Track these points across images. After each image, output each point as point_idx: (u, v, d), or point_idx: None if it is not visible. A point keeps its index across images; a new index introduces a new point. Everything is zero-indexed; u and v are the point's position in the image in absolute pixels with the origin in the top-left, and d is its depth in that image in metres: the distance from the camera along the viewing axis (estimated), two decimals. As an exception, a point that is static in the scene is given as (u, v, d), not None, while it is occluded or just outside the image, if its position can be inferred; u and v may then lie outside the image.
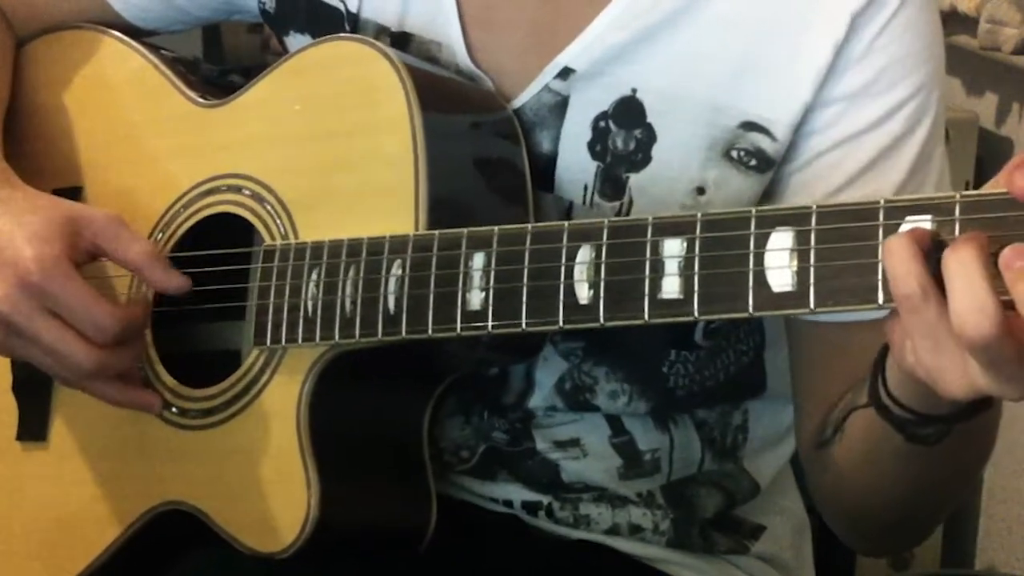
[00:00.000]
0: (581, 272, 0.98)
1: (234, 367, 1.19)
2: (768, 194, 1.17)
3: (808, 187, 1.15)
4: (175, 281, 1.18)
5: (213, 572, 1.19)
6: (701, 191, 1.16)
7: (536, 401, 1.23)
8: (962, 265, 0.81)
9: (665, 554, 1.28)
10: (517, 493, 1.26)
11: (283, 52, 1.31)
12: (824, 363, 1.18)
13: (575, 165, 1.18)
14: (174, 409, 1.20)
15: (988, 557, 2.14)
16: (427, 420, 1.19)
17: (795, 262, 0.89)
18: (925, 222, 0.84)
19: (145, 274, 1.18)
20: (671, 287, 0.94)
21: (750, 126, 1.14)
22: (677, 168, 1.16)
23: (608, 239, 0.97)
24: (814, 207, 0.89)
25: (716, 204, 1.16)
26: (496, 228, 1.03)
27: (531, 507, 1.26)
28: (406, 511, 1.19)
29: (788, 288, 0.89)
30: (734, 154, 1.15)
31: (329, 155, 1.15)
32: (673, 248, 0.94)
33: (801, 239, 0.89)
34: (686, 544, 1.28)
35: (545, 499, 1.26)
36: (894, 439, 1.00)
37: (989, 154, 2.10)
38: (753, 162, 1.15)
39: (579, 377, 1.23)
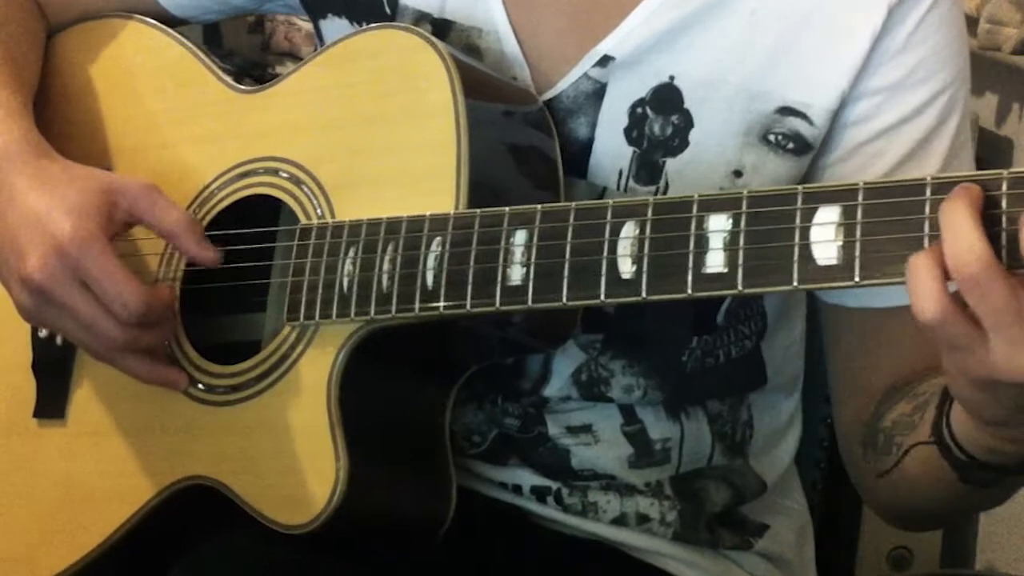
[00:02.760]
0: (625, 247, 1.00)
1: (255, 353, 1.20)
2: (809, 183, 1.19)
3: (849, 178, 1.17)
4: (207, 253, 1.19)
5: (227, 556, 1.19)
6: (739, 174, 1.18)
7: (551, 390, 1.25)
8: (950, 213, 0.86)
9: (669, 548, 1.29)
10: (527, 478, 1.27)
11: (288, 49, 1.32)
12: (862, 352, 1.21)
13: (611, 151, 1.20)
14: (200, 386, 1.21)
15: (988, 557, 2.15)
16: (450, 407, 1.21)
17: (841, 236, 0.91)
18: (972, 197, 0.87)
19: (180, 242, 1.19)
20: (715, 261, 0.96)
21: (787, 111, 1.17)
22: (714, 152, 1.18)
23: (653, 215, 0.99)
24: (861, 183, 0.91)
25: (754, 186, 1.18)
26: (539, 206, 1.05)
27: (540, 492, 1.27)
28: (427, 494, 1.20)
29: (833, 261, 0.91)
30: (771, 138, 1.18)
31: (370, 139, 1.17)
32: (718, 223, 0.96)
33: (848, 214, 0.91)
34: (691, 538, 1.29)
35: (554, 485, 1.27)
36: (949, 476, 1.04)
37: (989, 154, 2.11)
38: (791, 145, 1.18)
39: (596, 369, 1.24)
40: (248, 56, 2.45)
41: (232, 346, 1.23)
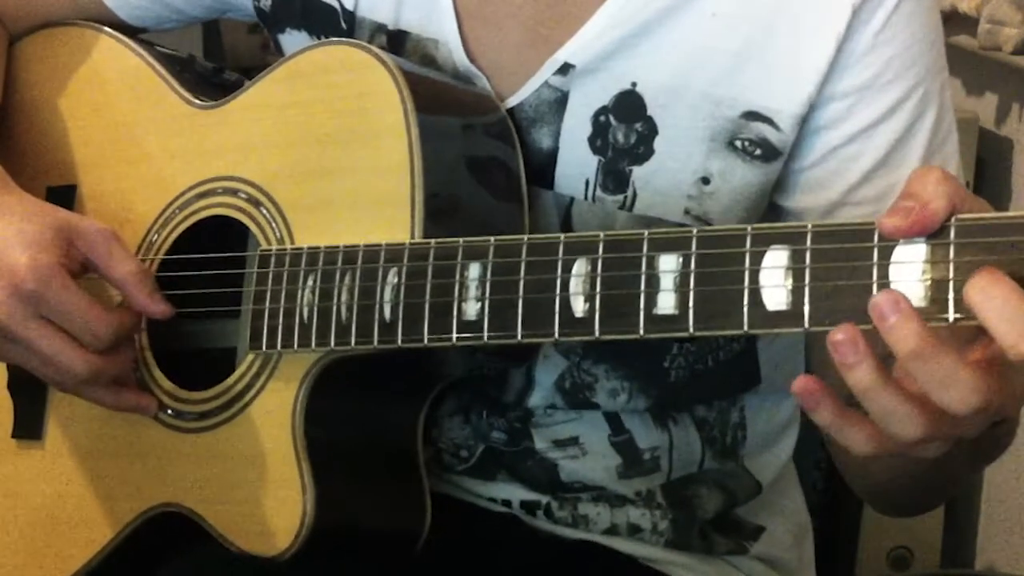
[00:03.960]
0: (576, 285, 0.98)
1: (230, 364, 1.19)
2: (785, 191, 1.18)
3: (826, 183, 1.16)
4: (159, 307, 1.17)
5: (208, 573, 1.20)
6: (706, 181, 1.16)
7: (536, 400, 1.24)
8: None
9: (663, 554, 1.29)
10: (516, 493, 1.27)
11: (279, 51, 1.31)
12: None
13: (575, 160, 1.18)
14: (170, 411, 1.20)
15: (988, 557, 2.14)
16: (422, 424, 1.20)
17: (790, 280, 0.89)
18: (920, 244, 0.85)
19: (130, 294, 1.17)
20: (666, 303, 0.94)
21: (753, 115, 1.14)
22: (680, 159, 1.16)
23: (604, 253, 0.97)
24: (809, 226, 0.89)
25: (723, 194, 1.16)
26: (492, 239, 1.03)
27: (530, 507, 1.27)
28: (401, 514, 1.19)
29: (783, 307, 0.89)
30: (738, 144, 1.15)
31: (325, 161, 1.15)
32: (669, 263, 0.94)
33: (796, 258, 0.89)
34: (684, 545, 1.29)
35: (544, 499, 1.26)
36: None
37: (989, 154, 2.09)
38: (758, 152, 1.15)
39: (579, 375, 1.23)
40: (247, 59, 2.42)
41: (209, 364, 1.22)
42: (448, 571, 1.22)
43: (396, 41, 1.22)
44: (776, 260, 0.89)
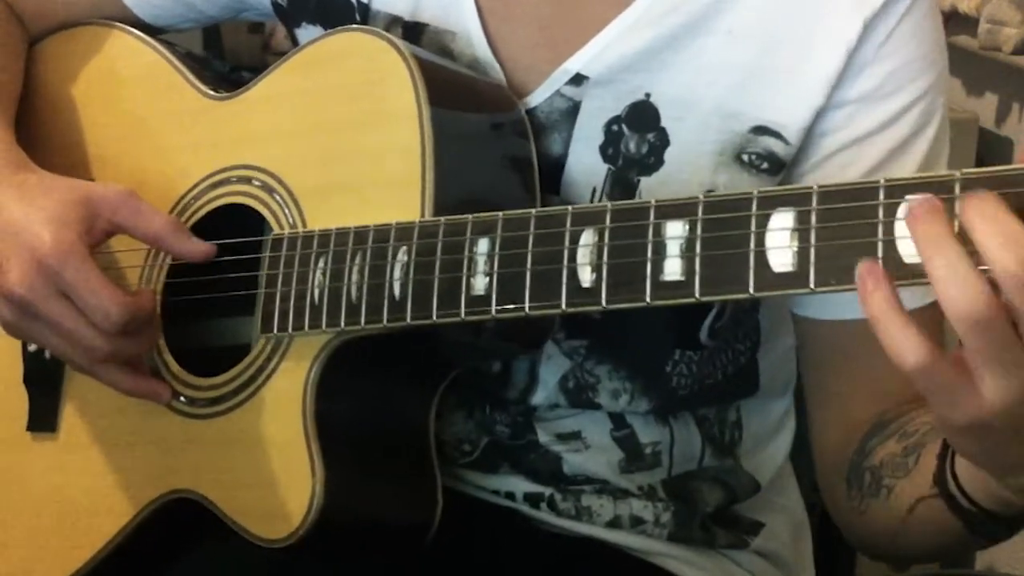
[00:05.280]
0: (584, 255, 0.98)
1: (242, 359, 1.19)
2: None
3: None
4: (200, 248, 1.18)
5: (218, 566, 1.20)
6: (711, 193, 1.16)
7: (539, 398, 1.24)
8: (933, 246, 0.81)
9: (666, 548, 1.28)
10: (519, 485, 1.26)
11: (288, 48, 1.31)
12: (838, 373, 1.19)
13: (585, 168, 1.18)
14: (183, 398, 1.20)
15: (988, 557, 2.13)
16: (433, 412, 1.19)
17: (796, 242, 0.89)
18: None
19: (168, 244, 1.18)
20: (672, 269, 0.94)
21: (761, 130, 1.15)
22: (688, 171, 1.16)
23: (611, 222, 0.97)
24: (815, 187, 0.88)
25: None
26: (501, 214, 1.03)
27: (533, 499, 1.26)
28: (412, 505, 1.19)
29: (789, 268, 0.89)
30: (745, 158, 1.16)
31: (338, 146, 1.16)
32: (675, 230, 0.94)
33: (802, 219, 0.88)
34: (686, 537, 1.28)
35: (547, 491, 1.26)
36: (956, 527, 1.00)
37: (989, 154, 2.09)
38: (764, 165, 1.16)
39: (582, 375, 1.23)
40: (247, 59, 2.43)
41: (218, 355, 1.23)
42: (449, 566, 1.22)
43: (412, 33, 1.22)
44: (782, 222, 0.89)
